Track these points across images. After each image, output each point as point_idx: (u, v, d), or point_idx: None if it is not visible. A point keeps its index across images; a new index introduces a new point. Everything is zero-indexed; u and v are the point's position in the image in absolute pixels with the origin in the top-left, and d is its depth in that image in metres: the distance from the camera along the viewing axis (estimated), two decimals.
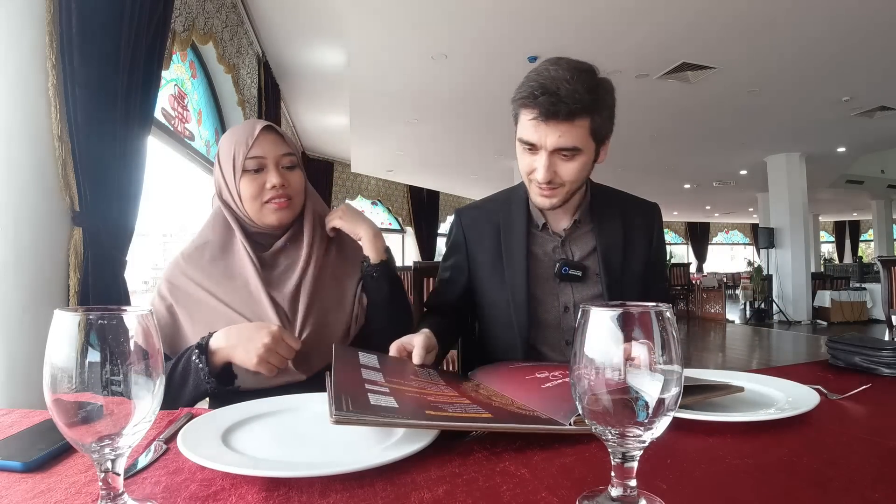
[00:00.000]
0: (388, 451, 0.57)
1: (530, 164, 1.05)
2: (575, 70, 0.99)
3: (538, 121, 0.99)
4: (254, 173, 1.03)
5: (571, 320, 1.14)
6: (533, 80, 1.00)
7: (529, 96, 0.98)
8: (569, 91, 0.96)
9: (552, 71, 0.99)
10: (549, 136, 0.99)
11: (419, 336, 0.90)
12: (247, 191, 1.03)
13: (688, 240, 19.25)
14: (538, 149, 1.02)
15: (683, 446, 0.61)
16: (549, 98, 0.96)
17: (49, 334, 0.43)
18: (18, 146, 1.37)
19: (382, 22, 4.19)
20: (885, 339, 1.44)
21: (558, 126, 0.98)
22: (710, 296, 9.76)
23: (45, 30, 1.39)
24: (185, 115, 3.26)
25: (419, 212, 11.59)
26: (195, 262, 1.05)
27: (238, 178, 1.03)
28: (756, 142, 7.97)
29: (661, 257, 1.25)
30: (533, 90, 0.98)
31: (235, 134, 1.06)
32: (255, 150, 1.03)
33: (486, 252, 1.19)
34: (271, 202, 1.04)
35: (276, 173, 1.04)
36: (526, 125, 1.02)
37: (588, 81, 0.99)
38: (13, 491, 0.51)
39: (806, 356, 5.79)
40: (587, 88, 0.98)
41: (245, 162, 1.03)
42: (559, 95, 0.96)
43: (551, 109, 0.97)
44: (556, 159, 1.02)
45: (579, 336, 0.45)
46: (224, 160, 1.06)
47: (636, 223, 1.18)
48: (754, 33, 4.34)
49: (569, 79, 0.97)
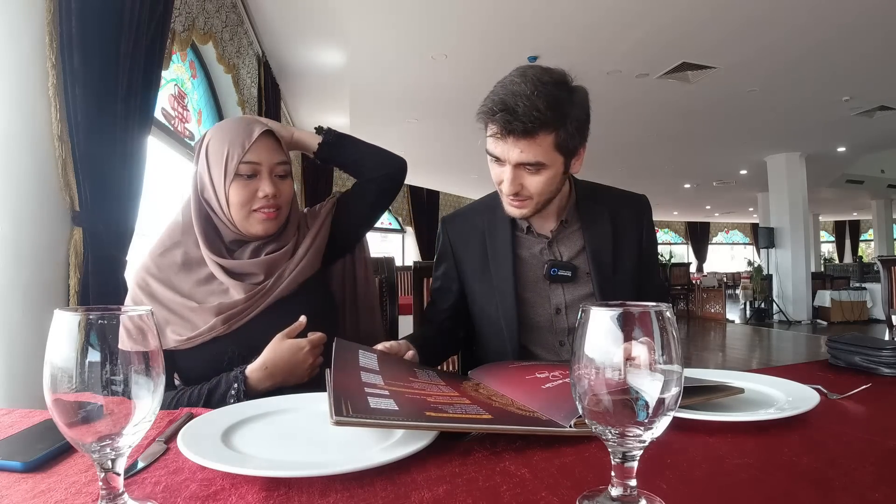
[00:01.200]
0: (387, 451, 0.57)
1: (498, 175, 1.05)
2: (538, 83, 0.95)
3: (497, 137, 0.98)
4: (246, 179, 0.98)
5: (564, 321, 1.13)
6: (496, 93, 0.98)
7: (488, 112, 0.97)
8: (526, 108, 0.93)
9: (515, 85, 0.96)
10: (510, 152, 0.98)
11: (395, 342, 0.94)
12: (236, 196, 0.98)
13: (688, 239, 19.25)
14: (503, 162, 1.01)
15: (683, 446, 0.61)
16: (505, 115, 0.95)
17: (49, 334, 0.43)
18: (18, 146, 1.36)
19: (382, 22, 4.19)
20: (885, 338, 1.44)
21: (518, 142, 0.97)
22: (710, 295, 9.76)
23: (45, 30, 1.39)
24: (185, 115, 3.26)
25: (419, 212, 11.58)
26: (166, 270, 1.00)
27: (228, 182, 0.98)
28: (756, 142, 7.97)
29: (653, 250, 1.24)
30: (492, 105, 0.96)
31: (230, 132, 1.00)
32: (251, 156, 0.98)
33: (472, 258, 1.19)
34: (260, 211, 0.99)
35: (270, 182, 0.99)
36: (489, 139, 1.01)
37: (551, 95, 0.95)
38: (13, 491, 0.51)
39: (806, 356, 5.79)
40: (548, 104, 0.94)
41: (239, 166, 0.97)
42: (516, 113, 0.94)
43: (507, 127, 0.95)
44: (521, 172, 1.01)
45: (579, 336, 0.45)
46: (214, 159, 0.99)
47: (625, 217, 1.16)
48: (754, 33, 4.34)
49: (529, 94, 0.94)
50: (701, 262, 18.73)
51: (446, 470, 0.54)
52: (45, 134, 1.41)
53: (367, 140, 1.25)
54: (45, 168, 1.41)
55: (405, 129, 7.17)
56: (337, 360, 0.74)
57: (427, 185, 11.60)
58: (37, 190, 1.40)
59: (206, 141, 1.03)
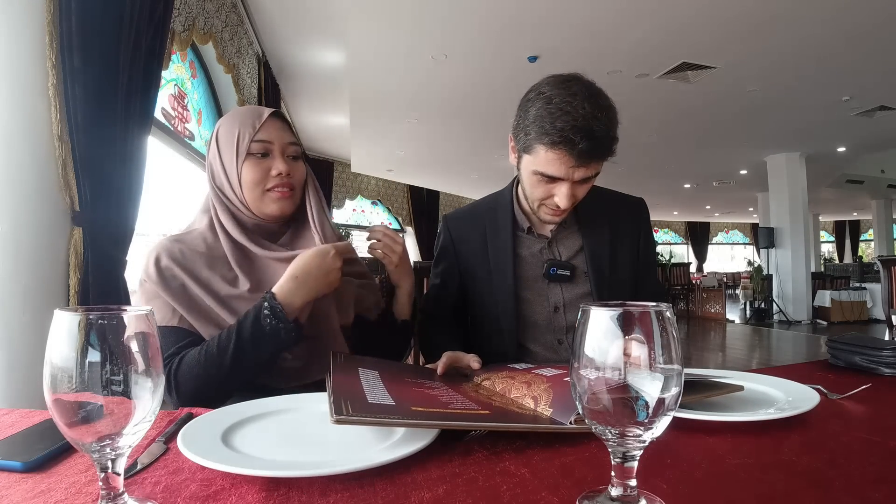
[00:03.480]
0: (388, 451, 0.57)
1: (547, 191, 1.04)
2: (593, 98, 0.96)
3: (574, 164, 0.97)
4: (259, 157, 0.97)
5: (562, 320, 1.15)
6: (559, 118, 0.95)
7: (565, 142, 0.94)
8: (604, 130, 0.95)
9: (577, 106, 0.94)
10: (577, 172, 0.99)
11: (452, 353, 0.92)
12: (249, 176, 0.96)
13: (688, 239, 19.25)
14: (562, 180, 1.01)
15: (683, 446, 0.61)
16: (590, 143, 0.94)
17: (49, 334, 0.43)
18: (18, 146, 1.36)
19: (382, 22, 4.19)
20: (885, 338, 1.44)
21: (591, 165, 0.99)
22: (710, 295, 9.76)
23: (45, 30, 1.39)
24: (185, 115, 3.26)
25: (419, 212, 11.59)
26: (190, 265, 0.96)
27: (241, 162, 0.96)
28: (756, 142, 7.97)
29: (651, 252, 1.26)
30: (567, 135, 0.94)
31: (240, 116, 0.99)
32: (262, 134, 0.97)
33: (473, 256, 1.21)
34: (274, 190, 0.97)
35: (283, 160, 0.97)
36: (552, 162, 0.98)
37: (612, 116, 0.98)
38: (13, 491, 0.51)
39: (806, 356, 5.79)
40: (611, 119, 0.97)
41: (251, 145, 0.96)
42: (597, 138, 0.95)
43: (593, 153, 0.96)
44: (575, 186, 1.02)
45: (579, 336, 0.45)
46: (225, 142, 0.98)
47: (623, 220, 1.19)
48: (754, 33, 4.34)
49: (598, 115, 0.95)
50: (701, 262, 18.74)
51: (446, 470, 0.54)
52: (45, 134, 1.41)
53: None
54: (45, 168, 1.41)
55: (405, 129, 7.17)
56: (335, 365, 0.74)
57: (427, 185, 11.60)
58: (37, 190, 1.40)
59: (216, 129, 1.02)
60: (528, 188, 1.08)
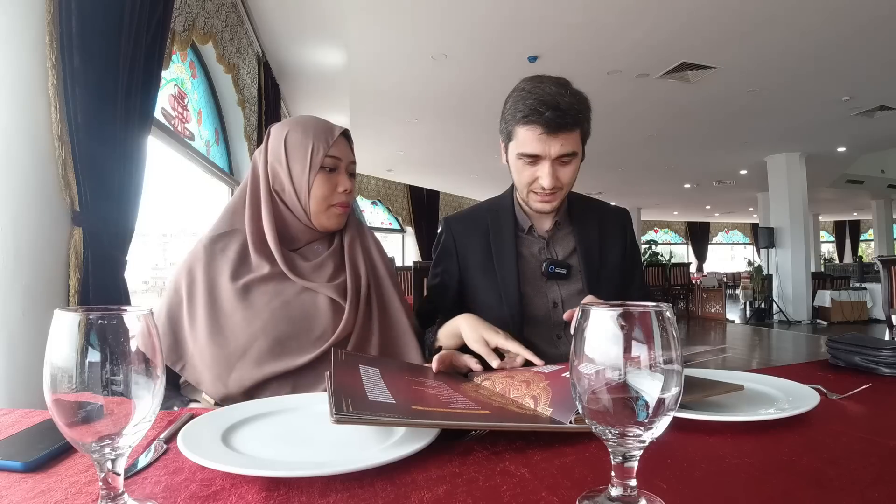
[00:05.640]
0: (388, 451, 0.57)
1: (532, 174, 1.13)
2: (560, 84, 1.09)
3: (545, 134, 1.07)
4: (328, 172, 1.03)
5: (559, 315, 1.21)
6: (528, 98, 1.07)
7: (534, 113, 1.06)
8: (568, 104, 1.06)
9: (542, 89, 1.07)
10: (552, 146, 1.08)
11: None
12: (320, 189, 1.02)
13: (688, 239, 19.26)
14: (541, 159, 1.10)
15: (683, 446, 0.61)
16: (555, 112, 1.05)
17: (49, 334, 0.43)
18: (18, 146, 1.36)
19: (382, 22, 4.19)
20: (885, 338, 1.44)
21: (560, 136, 1.08)
22: (710, 295, 9.76)
23: (45, 30, 1.39)
24: (185, 115, 3.26)
25: (419, 212, 11.59)
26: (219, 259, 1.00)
27: (314, 175, 1.02)
28: (756, 142, 7.97)
29: (636, 254, 1.38)
30: (535, 107, 1.06)
31: (312, 128, 1.04)
32: (335, 150, 1.03)
33: (476, 256, 1.27)
34: (337, 206, 1.04)
35: (347, 178, 1.05)
36: (529, 139, 1.09)
37: (576, 93, 1.10)
38: (13, 491, 0.51)
39: (806, 356, 5.79)
40: (578, 100, 1.09)
41: (325, 159, 1.02)
42: (561, 108, 1.05)
43: (559, 122, 1.06)
44: (556, 166, 1.11)
45: (579, 335, 0.45)
46: (296, 152, 1.02)
47: (610, 226, 1.30)
48: (754, 33, 4.34)
49: (563, 93, 1.07)
50: (701, 262, 18.74)
51: (446, 470, 0.54)
52: (45, 134, 1.41)
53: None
54: (45, 168, 1.41)
55: (405, 129, 7.17)
56: (336, 363, 0.74)
57: (427, 185, 11.60)
58: (37, 190, 1.40)
59: (284, 133, 1.04)
60: (516, 176, 1.17)
